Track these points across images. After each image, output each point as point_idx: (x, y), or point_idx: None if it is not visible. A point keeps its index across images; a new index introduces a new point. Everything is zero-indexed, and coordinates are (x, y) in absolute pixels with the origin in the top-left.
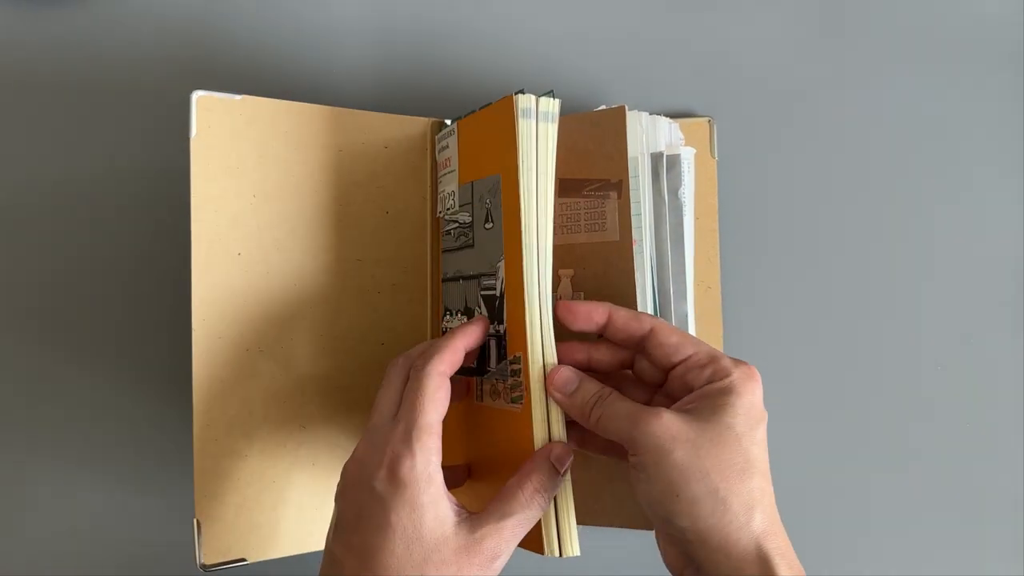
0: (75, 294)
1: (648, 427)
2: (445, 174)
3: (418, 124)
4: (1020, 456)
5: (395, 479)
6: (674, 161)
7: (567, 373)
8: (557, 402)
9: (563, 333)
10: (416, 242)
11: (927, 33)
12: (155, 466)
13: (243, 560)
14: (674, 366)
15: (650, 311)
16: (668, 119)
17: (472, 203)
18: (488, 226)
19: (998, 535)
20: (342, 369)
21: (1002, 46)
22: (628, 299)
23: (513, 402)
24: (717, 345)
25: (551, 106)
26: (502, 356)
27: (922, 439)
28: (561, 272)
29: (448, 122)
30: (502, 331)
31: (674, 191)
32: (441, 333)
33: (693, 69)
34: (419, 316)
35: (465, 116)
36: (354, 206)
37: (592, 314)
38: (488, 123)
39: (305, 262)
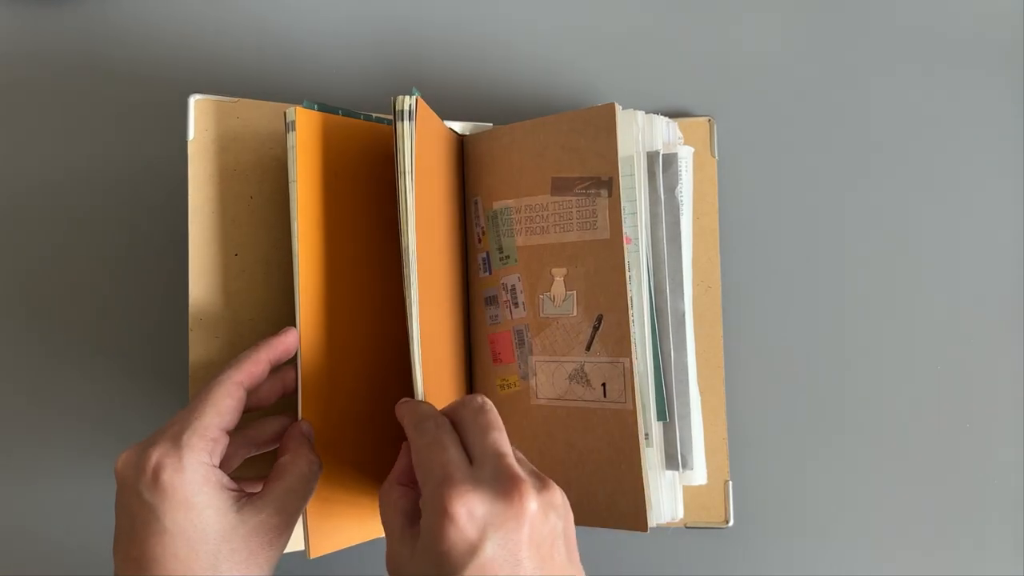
0: (71, 294)
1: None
2: None
3: None
4: (1020, 456)
5: (160, 485)
6: (670, 160)
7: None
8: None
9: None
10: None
11: (927, 33)
12: None
13: None
14: None
15: (646, 310)
16: (666, 118)
17: None
18: None
19: (998, 535)
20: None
21: (1002, 46)
22: (619, 297)
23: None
24: (716, 345)
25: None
26: None
27: (922, 439)
28: (554, 271)
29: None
30: None
31: (670, 189)
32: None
33: (693, 68)
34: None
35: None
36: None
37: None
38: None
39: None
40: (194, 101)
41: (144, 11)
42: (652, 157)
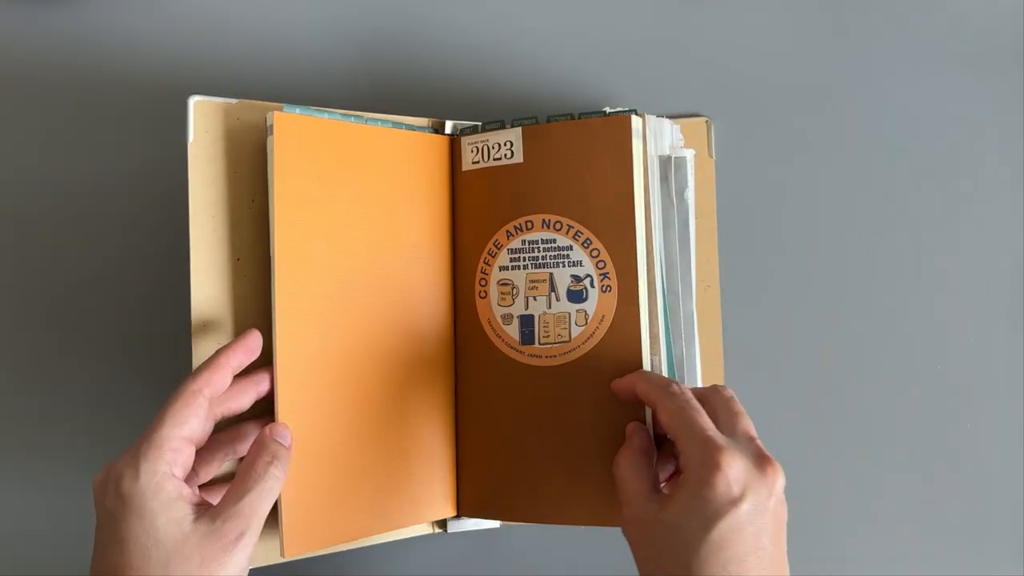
0: (73, 299)
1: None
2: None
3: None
4: (1020, 456)
5: (119, 495)
6: (681, 163)
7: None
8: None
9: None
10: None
11: (926, 33)
12: None
13: None
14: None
15: (660, 312)
16: (670, 121)
17: None
18: None
19: (998, 535)
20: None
21: (1003, 46)
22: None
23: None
24: (716, 345)
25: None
26: None
27: (922, 439)
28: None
29: (478, 125)
30: None
31: (681, 193)
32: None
33: (689, 69)
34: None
35: (529, 123)
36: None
37: (623, 386)
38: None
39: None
40: (194, 103)
41: (144, 13)
42: (665, 161)
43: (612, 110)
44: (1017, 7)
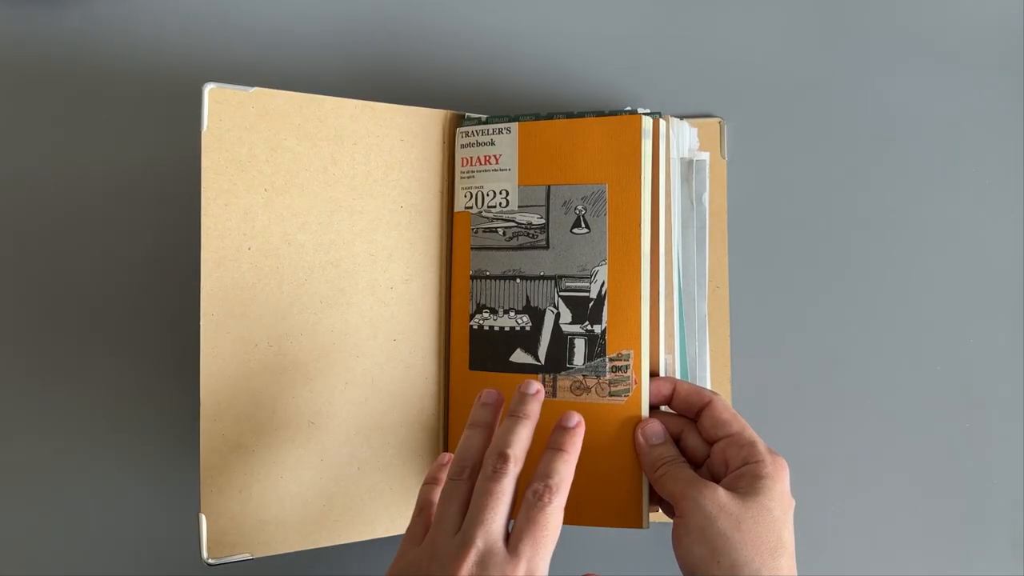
0: (83, 289)
1: (701, 495)
2: (483, 171)
3: (436, 117)
4: (1020, 456)
5: None
6: (700, 166)
7: (659, 427)
8: (636, 445)
9: None
10: (430, 237)
11: (931, 33)
12: (161, 461)
13: (248, 556)
14: (718, 439)
15: (676, 315)
16: (687, 123)
17: (547, 206)
18: (580, 231)
19: (997, 535)
20: (351, 365)
21: (1011, 45)
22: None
23: (614, 395)
24: (724, 344)
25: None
26: (597, 354)
27: (921, 439)
28: None
29: (482, 117)
30: (598, 331)
31: (699, 196)
32: (469, 331)
33: (698, 69)
34: (433, 312)
35: (528, 118)
36: (367, 199)
37: (660, 388)
38: (588, 134)
39: (316, 257)
40: (208, 90)
41: (148, 9)
42: (686, 164)
43: (644, 111)
44: (1017, 7)
